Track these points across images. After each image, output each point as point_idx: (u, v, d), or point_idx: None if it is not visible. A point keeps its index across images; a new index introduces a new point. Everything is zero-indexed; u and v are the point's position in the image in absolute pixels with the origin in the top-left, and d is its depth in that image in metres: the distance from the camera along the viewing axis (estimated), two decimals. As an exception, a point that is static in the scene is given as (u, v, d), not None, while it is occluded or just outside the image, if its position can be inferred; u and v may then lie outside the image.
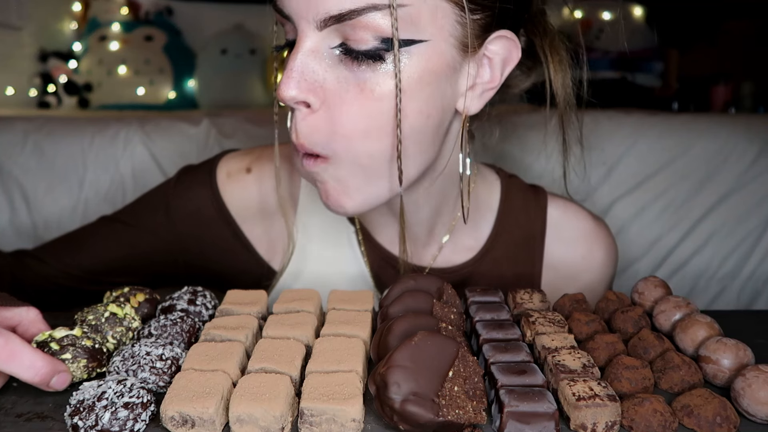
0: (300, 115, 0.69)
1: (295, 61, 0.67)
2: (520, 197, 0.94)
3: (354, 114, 0.68)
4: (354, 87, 0.68)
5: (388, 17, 0.65)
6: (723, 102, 2.52)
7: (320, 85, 0.68)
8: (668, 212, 1.42)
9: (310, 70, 0.68)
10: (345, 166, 0.71)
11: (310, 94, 0.68)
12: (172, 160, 1.43)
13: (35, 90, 2.30)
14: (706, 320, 0.68)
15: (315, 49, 0.68)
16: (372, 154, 0.70)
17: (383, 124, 0.69)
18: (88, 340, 0.62)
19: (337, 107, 0.68)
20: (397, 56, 0.66)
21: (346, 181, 0.72)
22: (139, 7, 2.41)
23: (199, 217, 0.92)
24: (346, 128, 0.68)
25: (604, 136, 1.43)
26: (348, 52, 0.67)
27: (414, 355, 0.53)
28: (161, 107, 2.29)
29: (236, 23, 2.40)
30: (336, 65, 0.68)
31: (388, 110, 0.68)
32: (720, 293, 1.42)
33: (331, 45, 0.68)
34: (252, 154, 0.95)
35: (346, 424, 0.53)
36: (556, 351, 0.62)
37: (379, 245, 0.92)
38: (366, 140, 0.69)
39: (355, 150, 0.70)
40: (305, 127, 0.70)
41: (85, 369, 0.61)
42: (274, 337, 0.65)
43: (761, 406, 0.56)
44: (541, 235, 0.94)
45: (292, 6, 0.68)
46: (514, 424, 0.52)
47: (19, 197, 1.41)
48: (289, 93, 0.67)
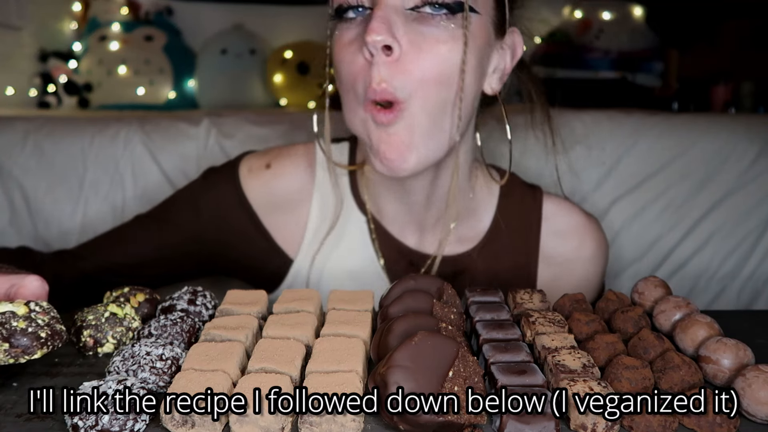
0: (381, 60, 0.78)
1: (381, 11, 0.77)
2: (518, 193, 1.01)
3: (429, 62, 0.79)
4: (430, 39, 0.79)
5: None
6: (723, 102, 2.51)
7: (401, 36, 0.78)
8: (668, 212, 1.41)
9: (393, 21, 0.78)
10: (416, 114, 0.80)
11: (394, 41, 0.77)
12: (172, 160, 1.43)
13: (35, 90, 2.30)
14: (706, 320, 0.68)
15: (395, 6, 0.79)
16: (441, 100, 0.81)
17: (452, 73, 0.80)
18: (23, 322, 0.55)
19: (415, 55, 0.79)
20: (466, 14, 0.79)
21: (414, 131, 0.81)
22: (139, 7, 2.41)
23: (224, 210, 1.00)
24: (424, 73, 0.79)
25: (604, 136, 1.43)
26: (422, 12, 0.79)
27: (414, 355, 0.53)
28: (161, 107, 2.28)
29: (236, 23, 2.40)
30: (411, 22, 0.79)
31: (456, 63, 0.80)
32: (720, 293, 1.42)
33: (407, 6, 0.79)
34: (271, 152, 1.03)
35: (346, 424, 0.53)
36: (556, 351, 0.62)
37: (389, 235, 0.98)
38: (439, 86, 0.80)
39: (428, 94, 0.80)
40: (386, 70, 0.78)
41: (7, 354, 0.55)
42: (274, 337, 0.65)
43: (761, 406, 0.56)
44: (536, 228, 1.00)
45: None
46: (514, 424, 0.52)
47: (19, 197, 1.41)
48: (378, 36, 0.76)
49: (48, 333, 0.56)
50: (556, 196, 1.03)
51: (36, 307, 0.57)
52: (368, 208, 0.99)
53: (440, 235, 0.96)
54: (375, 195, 0.97)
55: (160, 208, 1.04)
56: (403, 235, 0.98)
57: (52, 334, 0.57)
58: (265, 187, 1.00)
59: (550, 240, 1.00)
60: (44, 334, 0.56)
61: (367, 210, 0.99)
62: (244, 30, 2.39)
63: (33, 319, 0.56)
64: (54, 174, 1.41)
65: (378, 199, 0.97)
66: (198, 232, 1.00)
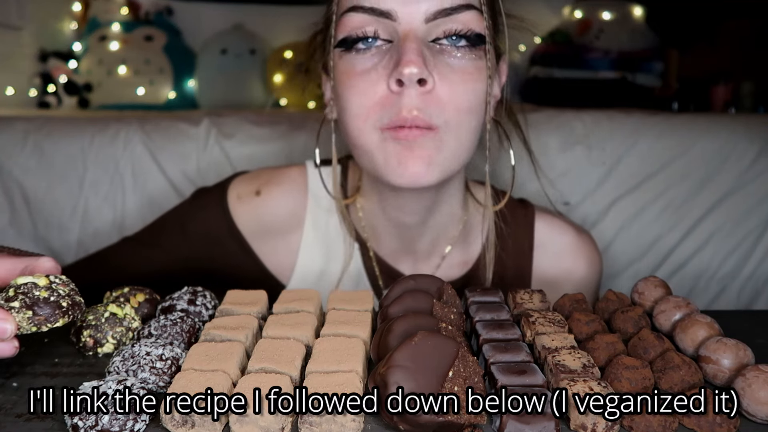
0: (415, 92, 0.78)
1: (414, 42, 0.78)
2: (510, 213, 1.00)
3: (461, 92, 0.81)
4: (458, 71, 0.81)
5: (478, 17, 0.81)
6: (723, 102, 2.51)
7: (432, 69, 0.79)
8: (668, 212, 1.41)
9: (424, 54, 0.78)
10: (447, 139, 0.81)
11: (428, 73, 0.78)
12: (172, 160, 1.42)
13: (35, 90, 2.29)
14: (706, 320, 0.68)
15: (423, 39, 0.80)
16: (471, 128, 0.83)
17: (480, 103, 0.83)
18: (45, 292, 0.57)
19: (447, 87, 0.80)
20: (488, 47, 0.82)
21: (442, 151, 0.81)
22: (139, 7, 2.41)
23: (212, 235, 0.98)
24: (457, 104, 0.80)
25: (604, 136, 1.42)
26: (446, 44, 0.80)
27: (414, 355, 0.53)
28: (161, 107, 2.28)
29: (236, 23, 2.40)
30: (437, 54, 0.80)
31: (482, 94, 0.83)
32: (720, 293, 1.41)
33: (430, 38, 0.80)
34: (261, 177, 1.01)
35: (346, 424, 0.53)
36: (556, 351, 0.62)
37: (383, 261, 0.98)
38: (470, 115, 0.82)
39: (461, 122, 0.81)
40: (422, 101, 0.79)
41: (30, 321, 0.56)
42: (274, 337, 0.65)
43: (761, 406, 0.56)
44: (529, 250, 1.00)
45: (397, 2, 0.79)
46: (514, 424, 0.52)
47: (19, 197, 1.41)
48: (414, 70, 0.76)
49: (69, 303, 0.58)
50: (547, 212, 1.04)
51: (56, 279, 0.59)
52: (362, 236, 0.98)
53: (434, 261, 0.97)
54: (369, 222, 0.96)
55: (148, 231, 1.03)
56: (396, 262, 0.97)
57: (73, 305, 0.59)
58: (254, 215, 0.99)
59: (543, 261, 1.00)
60: (65, 304, 0.58)
61: (361, 237, 0.98)
62: (244, 30, 2.39)
63: (54, 290, 0.58)
64: (54, 174, 1.41)
65: (372, 226, 0.96)
66: (186, 255, 0.99)
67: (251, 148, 1.44)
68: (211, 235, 0.99)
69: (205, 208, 0.99)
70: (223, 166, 1.40)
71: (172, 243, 0.99)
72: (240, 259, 0.99)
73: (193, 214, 1.00)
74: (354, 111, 0.81)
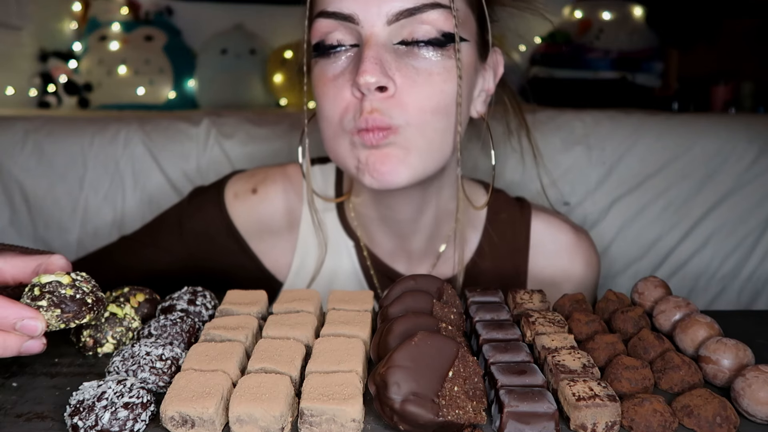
0: (375, 98, 0.77)
1: (371, 51, 0.76)
2: (506, 212, 1.00)
3: (426, 94, 0.78)
4: (423, 72, 0.78)
5: (444, 15, 0.77)
6: (723, 102, 2.51)
7: (393, 73, 0.77)
8: (668, 212, 1.41)
9: (384, 59, 0.77)
10: (413, 137, 0.79)
11: (389, 81, 0.77)
12: (172, 160, 1.43)
13: (35, 90, 2.30)
14: (706, 320, 0.68)
15: (385, 43, 0.78)
16: (439, 128, 0.80)
17: (448, 104, 0.80)
18: (70, 289, 0.58)
19: (410, 89, 0.78)
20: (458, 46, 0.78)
21: (410, 151, 0.80)
22: (139, 7, 2.41)
23: (210, 234, 0.99)
24: (420, 104, 0.78)
25: (604, 136, 1.42)
26: (411, 45, 0.78)
27: (414, 355, 0.53)
28: (161, 107, 2.28)
29: (236, 23, 2.40)
30: (402, 57, 0.78)
31: (452, 94, 0.80)
32: (720, 293, 1.41)
33: (395, 41, 0.78)
34: (257, 176, 1.02)
35: (346, 424, 0.53)
36: (556, 351, 0.62)
37: (379, 260, 0.97)
38: (437, 116, 0.80)
39: (425, 122, 0.79)
40: (382, 104, 0.78)
41: (59, 319, 0.57)
42: (274, 337, 0.65)
43: (761, 406, 0.56)
44: (525, 249, 0.99)
45: (359, 4, 0.77)
46: (514, 424, 0.52)
47: (19, 197, 1.41)
48: (371, 78, 0.75)
49: (93, 299, 0.59)
50: (544, 211, 1.03)
51: (78, 277, 0.60)
52: (357, 234, 0.98)
53: (429, 259, 0.96)
54: (363, 221, 0.96)
55: (146, 230, 1.03)
56: (392, 261, 0.97)
57: (97, 301, 0.60)
58: (251, 213, 0.99)
59: (539, 260, 1.00)
60: (90, 300, 0.59)
61: (356, 236, 0.98)
62: (244, 30, 2.39)
63: (78, 287, 0.59)
64: (54, 174, 1.41)
65: (366, 225, 0.96)
66: (184, 254, 0.99)
67: (251, 148, 1.44)
68: (209, 234, 0.99)
69: (202, 206, 1.00)
70: (223, 166, 1.40)
71: (169, 242, 1.00)
72: (237, 257, 0.99)
73: (190, 212, 1.00)
74: (326, 117, 0.82)
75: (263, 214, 0.99)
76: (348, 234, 0.98)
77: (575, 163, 1.41)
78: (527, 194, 1.11)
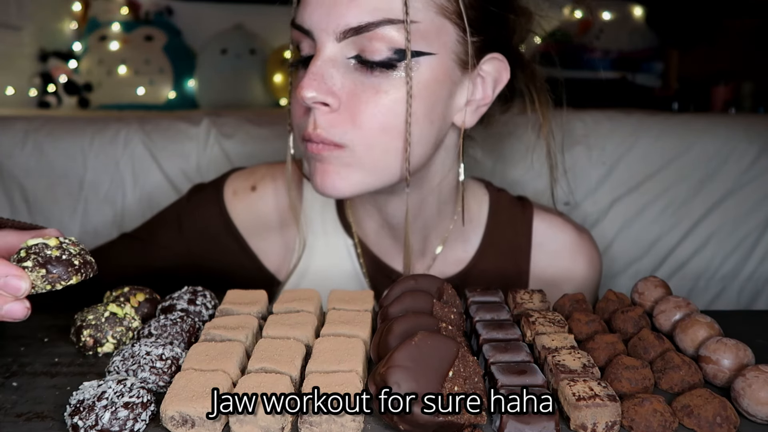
0: (319, 112, 0.77)
1: (315, 66, 0.75)
2: (508, 211, 0.99)
3: (371, 112, 0.76)
4: (370, 89, 0.76)
5: (401, 30, 0.74)
6: (723, 102, 2.52)
7: (338, 89, 0.76)
8: (668, 212, 1.41)
9: (329, 75, 0.76)
10: (360, 155, 0.78)
11: (328, 96, 0.75)
12: (172, 160, 1.42)
13: (35, 90, 2.30)
14: (706, 320, 0.68)
15: (333, 58, 0.76)
16: (388, 148, 0.78)
17: (397, 124, 0.77)
18: (56, 251, 0.57)
19: (355, 106, 0.76)
20: (409, 64, 0.75)
21: (353, 166, 0.78)
22: (139, 7, 2.42)
23: (209, 232, 0.98)
24: (365, 123, 0.76)
25: (604, 136, 1.42)
26: (363, 62, 0.76)
27: (414, 355, 0.53)
28: (161, 107, 2.29)
29: (236, 23, 2.40)
30: (352, 72, 0.76)
31: (401, 112, 0.76)
32: (720, 293, 1.42)
33: (348, 55, 0.76)
34: (257, 173, 1.01)
35: (346, 424, 0.53)
36: (556, 351, 0.62)
37: (376, 257, 0.97)
38: (383, 135, 0.77)
39: (372, 143, 0.77)
40: (326, 121, 0.77)
41: (44, 279, 0.56)
42: (274, 337, 0.65)
43: (761, 406, 0.56)
44: (527, 248, 0.99)
45: (314, 20, 0.76)
46: (514, 424, 0.52)
47: (19, 197, 1.41)
48: (309, 93, 0.75)
49: (81, 261, 0.58)
50: (546, 210, 1.02)
51: (66, 240, 0.59)
52: (354, 232, 0.97)
53: (427, 258, 0.96)
54: (359, 219, 0.96)
55: (145, 228, 1.03)
56: (390, 259, 0.97)
57: (85, 263, 0.59)
58: (250, 210, 0.99)
59: (541, 260, 0.99)
60: (77, 262, 0.58)
61: (354, 233, 0.98)
62: (244, 30, 2.39)
63: (65, 249, 0.58)
64: (54, 174, 1.41)
65: (362, 223, 0.96)
66: (183, 251, 0.99)
67: (251, 147, 1.44)
68: (208, 231, 0.99)
69: (201, 204, 1.00)
70: (223, 166, 1.40)
71: (169, 239, 0.99)
72: (236, 255, 0.99)
73: (189, 210, 1.00)
74: (293, 120, 0.84)
75: (262, 211, 0.99)
76: (347, 233, 0.98)
77: (575, 163, 1.40)
78: (529, 193, 1.11)
